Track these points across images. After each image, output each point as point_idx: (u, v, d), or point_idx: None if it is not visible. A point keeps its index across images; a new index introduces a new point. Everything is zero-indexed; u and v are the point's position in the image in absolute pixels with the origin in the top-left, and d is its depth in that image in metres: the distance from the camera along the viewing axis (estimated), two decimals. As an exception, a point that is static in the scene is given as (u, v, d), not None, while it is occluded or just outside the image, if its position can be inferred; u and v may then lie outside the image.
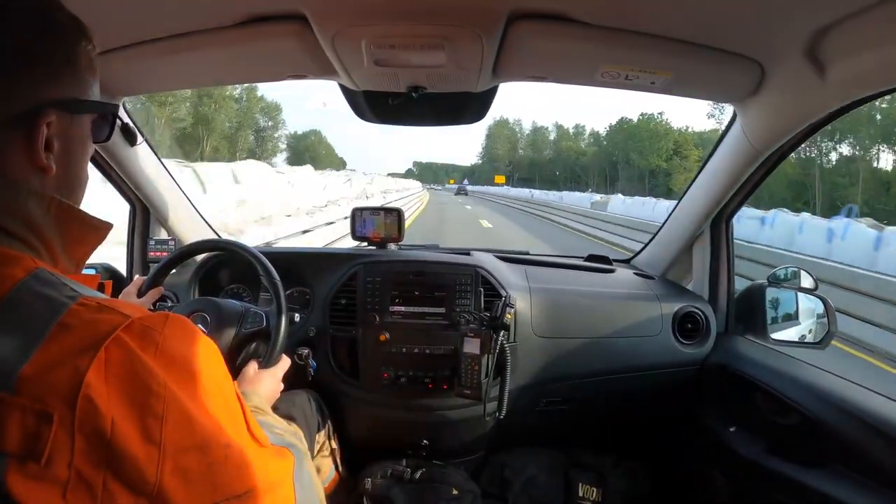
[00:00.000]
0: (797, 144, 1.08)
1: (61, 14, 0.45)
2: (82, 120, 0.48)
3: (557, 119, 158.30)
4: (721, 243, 1.36)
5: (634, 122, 73.24)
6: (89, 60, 0.48)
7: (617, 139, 75.75)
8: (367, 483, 1.24)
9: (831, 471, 0.92)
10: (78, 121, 0.47)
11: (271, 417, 0.69)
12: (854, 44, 0.74)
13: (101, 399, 0.36)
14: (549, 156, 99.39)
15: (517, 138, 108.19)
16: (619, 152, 73.39)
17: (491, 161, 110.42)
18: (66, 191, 0.47)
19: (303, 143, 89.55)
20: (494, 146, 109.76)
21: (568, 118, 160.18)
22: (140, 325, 0.39)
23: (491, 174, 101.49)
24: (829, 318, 1.21)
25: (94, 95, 0.49)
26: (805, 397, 1.00)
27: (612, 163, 75.50)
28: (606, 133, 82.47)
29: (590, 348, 1.32)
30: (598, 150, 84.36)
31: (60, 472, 0.35)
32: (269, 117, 62.92)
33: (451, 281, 1.27)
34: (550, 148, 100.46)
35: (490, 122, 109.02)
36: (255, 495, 0.43)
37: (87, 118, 0.49)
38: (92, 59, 0.48)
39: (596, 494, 1.38)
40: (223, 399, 0.43)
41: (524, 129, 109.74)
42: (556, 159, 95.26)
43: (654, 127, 69.64)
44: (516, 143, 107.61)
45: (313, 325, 1.29)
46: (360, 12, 0.81)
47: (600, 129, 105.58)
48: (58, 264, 0.45)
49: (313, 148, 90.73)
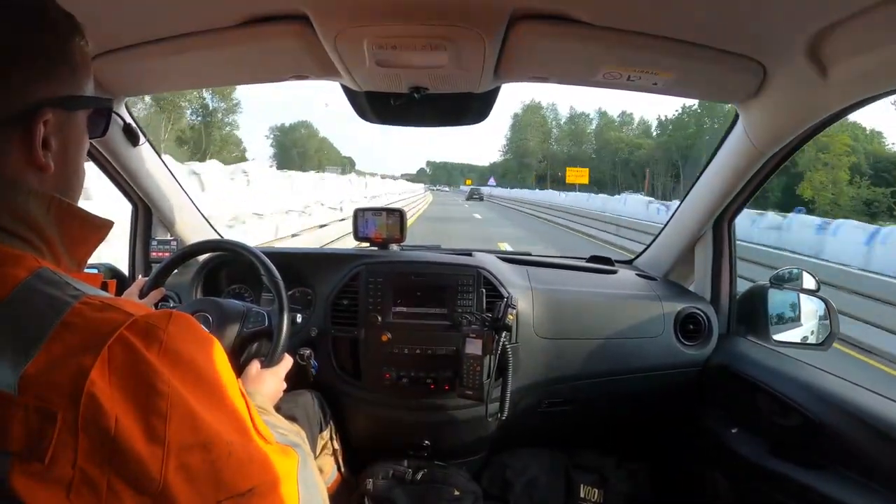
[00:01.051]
0: (799, 145, 1.08)
1: (54, 10, 0.45)
2: (78, 116, 0.48)
3: (601, 105, 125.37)
4: (723, 244, 1.36)
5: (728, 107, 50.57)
6: (83, 56, 0.48)
7: (692, 128, 55.43)
8: (368, 483, 1.23)
9: (833, 472, 0.92)
10: (74, 117, 0.48)
11: (274, 417, 0.69)
12: (856, 44, 0.74)
13: (105, 397, 0.36)
14: (590, 150, 77.60)
15: (550, 127, 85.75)
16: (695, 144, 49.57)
17: (519, 156, 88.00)
18: (65, 188, 0.47)
19: (290, 137, 77.66)
20: (522, 137, 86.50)
21: (611, 104, 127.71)
22: (144, 323, 0.39)
23: (517, 173, 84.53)
24: (831, 320, 1.21)
25: (89, 91, 0.49)
26: (807, 399, 1.00)
27: (691, 157, 50.03)
28: (677, 117, 60.55)
29: (592, 349, 1.32)
30: (666, 139, 60.06)
31: (64, 472, 0.35)
32: (222, 96, 41.91)
33: (452, 281, 1.27)
34: (591, 140, 79.22)
35: (518, 107, 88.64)
36: (259, 493, 0.43)
37: (82, 114, 0.49)
38: (86, 55, 0.48)
39: (597, 496, 1.38)
40: (227, 396, 0.43)
41: (560, 115, 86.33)
42: (603, 154, 72.09)
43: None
44: (549, 133, 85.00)
45: (315, 325, 1.29)
46: (361, 13, 0.82)
47: (650, 117, 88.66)
48: (60, 263, 0.45)
49: (302, 142, 78.21)
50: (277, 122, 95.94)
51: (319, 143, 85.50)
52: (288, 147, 76.21)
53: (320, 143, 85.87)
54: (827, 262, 7.86)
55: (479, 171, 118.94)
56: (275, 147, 77.68)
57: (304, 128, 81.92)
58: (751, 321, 1.34)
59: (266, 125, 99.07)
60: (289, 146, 76.32)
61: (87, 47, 0.48)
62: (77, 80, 0.47)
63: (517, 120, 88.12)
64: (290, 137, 78.12)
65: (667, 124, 64.58)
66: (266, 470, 0.45)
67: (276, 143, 77.85)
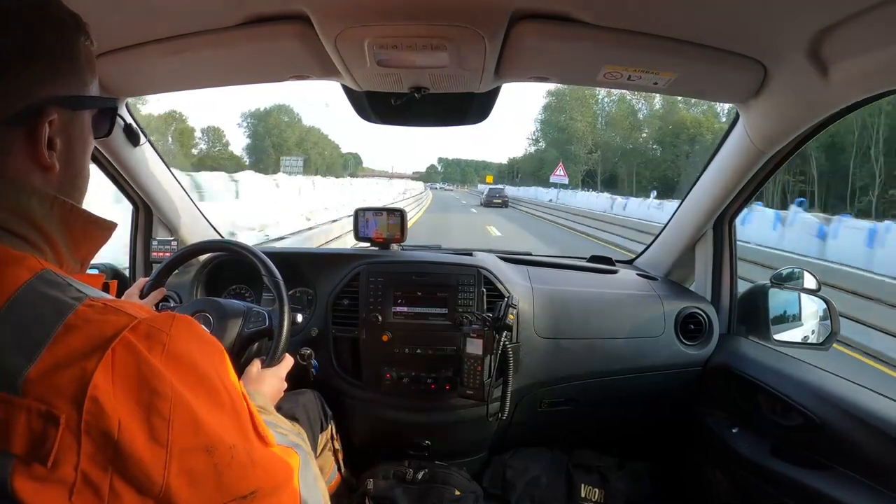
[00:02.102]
0: (800, 145, 1.08)
1: (60, 10, 0.45)
2: (83, 116, 0.48)
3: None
4: (724, 244, 1.36)
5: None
6: (88, 56, 0.48)
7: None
8: (369, 483, 1.23)
9: (834, 473, 0.92)
10: (79, 117, 0.47)
11: (275, 417, 0.69)
12: (857, 44, 0.74)
13: (108, 401, 0.36)
14: (648, 138, 52.32)
15: (598, 107, 56.37)
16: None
17: (562, 144, 56.34)
18: (70, 188, 0.47)
19: (264, 124, 64.34)
20: (565, 119, 55.81)
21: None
22: (147, 326, 0.39)
23: (551, 167, 40.75)
24: (832, 319, 1.21)
25: (94, 91, 0.49)
26: (808, 398, 1.00)
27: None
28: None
29: (592, 349, 1.32)
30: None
31: (67, 474, 0.35)
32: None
33: (453, 281, 1.27)
34: (645, 125, 52.70)
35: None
36: (261, 496, 0.43)
37: (87, 114, 0.49)
38: (91, 55, 0.48)
39: (598, 495, 1.38)
40: (230, 399, 0.43)
41: (601, 98, 55.59)
42: (667, 142, 47.99)
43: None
44: (596, 117, 56.21)
45: (316, 325, 1.29)
46: (362, 13, 0.82)
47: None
48: (62, 264, 0.45)
49: (279, 131, 63.82)
50: (253, 108, 77.40)
51: (303, 133, 70.94)
52: (261, 135, 63.20)
53: (305, 134, 71.41)
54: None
55: (493, 169, 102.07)
56: (251, 138, 63.99)
57: (284, 114, 66.92)
58: (751, 321, 1.34)
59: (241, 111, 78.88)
60: (262, 134, 63.41)
61: (92, 47, 0.48)
62: (82, 80, 0.47)
63: (557, 98, 57.63)
64: (265, 124, 64.48)
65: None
66: (268, 472, 0.45)
67: (252, 134, 64.55)
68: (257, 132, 63.68)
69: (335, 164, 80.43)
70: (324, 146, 78.83)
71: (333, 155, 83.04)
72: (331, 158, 79.43)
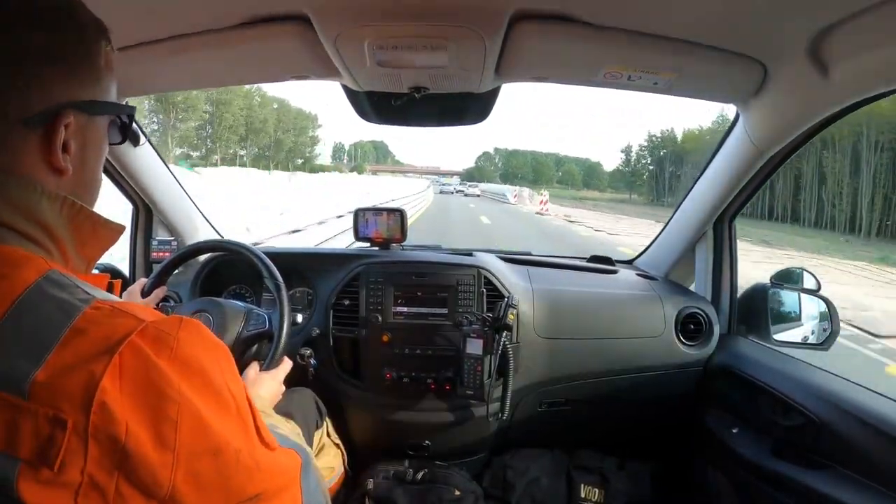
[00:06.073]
0: (800, 145, 1.08)
1: (83, 14, 0.45)
2: (99, 121, 0.48)
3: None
4: (724, 244, 1.36)
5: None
6: (108, 61, 0.47)
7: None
8: (369, 483, 1.23)
9: (834, 472, 0.92)
10: (95, 122, 0.47)
11: (275, 419, 0.69)
12: (857, 44, 0.74)
13: (116, 405, 0.35)
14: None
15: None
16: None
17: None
18: (81, 192, 0.46)
19: (223, 105, 49.49)
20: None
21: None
22: (154, 330, 0.39)
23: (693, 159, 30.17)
24: (832, 319, 1.21)
25: (112, 97, 0.49)
26: (808, 399, 1.00)
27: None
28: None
29: (592, 349, 1.32)
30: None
31: (73, 478, 0.34)
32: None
33: (453, 282, 1.27)
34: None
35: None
36: (265, 498, 0.44)
37: (104, 120, 0.48)
38: (111, 60, 0.48)
39: (598, 496, 1.37)
40: (235, 403, 0.43)
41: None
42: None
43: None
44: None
45: (316, 325, 1.29)
46: (362, 13, 0.82)
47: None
48: (68, 264, 0.44)
49: (231, 113, 49.17)
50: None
51: (272, 115, 55.27)
52: (215, 119, 48.54)
53: (276, 115, 56.19)
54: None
55: (586, 167, 72.29)
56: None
57: (276, 101, 52.53)
58: (752, 321, 1.34)
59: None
60: (216, 118, 48.98)
61: (112, 52, 0.48)
62: (101, 85, 0.46)
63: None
64: (224, 104, 49.93)
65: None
66: (272, 475, 0.45)
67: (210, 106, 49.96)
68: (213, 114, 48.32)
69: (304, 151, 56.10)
70: (292, 125, 59.04)
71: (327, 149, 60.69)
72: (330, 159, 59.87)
